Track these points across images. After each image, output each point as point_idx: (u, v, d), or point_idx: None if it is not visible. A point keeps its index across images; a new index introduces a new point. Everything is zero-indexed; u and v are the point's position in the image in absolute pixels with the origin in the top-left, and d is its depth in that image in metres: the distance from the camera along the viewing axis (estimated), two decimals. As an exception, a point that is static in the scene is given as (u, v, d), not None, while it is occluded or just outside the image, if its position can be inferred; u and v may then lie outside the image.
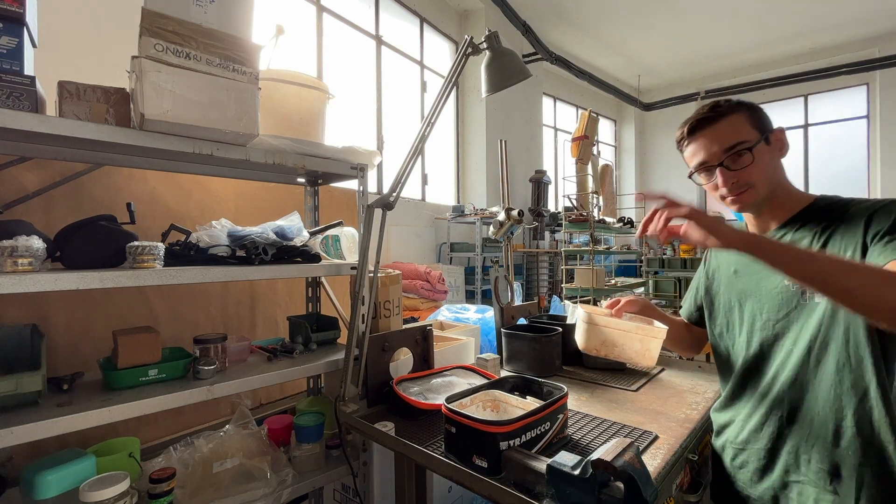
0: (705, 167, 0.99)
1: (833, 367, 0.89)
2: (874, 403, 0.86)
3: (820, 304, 0.91)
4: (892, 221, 0.83)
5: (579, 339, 1.29)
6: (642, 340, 1.16)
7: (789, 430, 0.96)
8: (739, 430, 1.05)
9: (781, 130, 0.99)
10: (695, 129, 1.00)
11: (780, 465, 0.97)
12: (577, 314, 1.33)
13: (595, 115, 4.87)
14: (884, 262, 0.79)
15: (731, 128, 0.96)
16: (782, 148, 0.99)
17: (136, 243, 1.14)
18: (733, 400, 1.09)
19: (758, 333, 1.01)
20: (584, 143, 4.74)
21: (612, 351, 1.22)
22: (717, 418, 1.14)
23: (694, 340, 1.30)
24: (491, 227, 1.93)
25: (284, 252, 1.44)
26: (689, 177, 1.06)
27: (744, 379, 1.05)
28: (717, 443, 1.13)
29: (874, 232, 0.85)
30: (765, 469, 0.99)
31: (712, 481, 1.14)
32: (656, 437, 1.09)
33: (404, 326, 1.62)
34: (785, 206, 1.00)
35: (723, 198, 0.99)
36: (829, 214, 0.94)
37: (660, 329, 1.15)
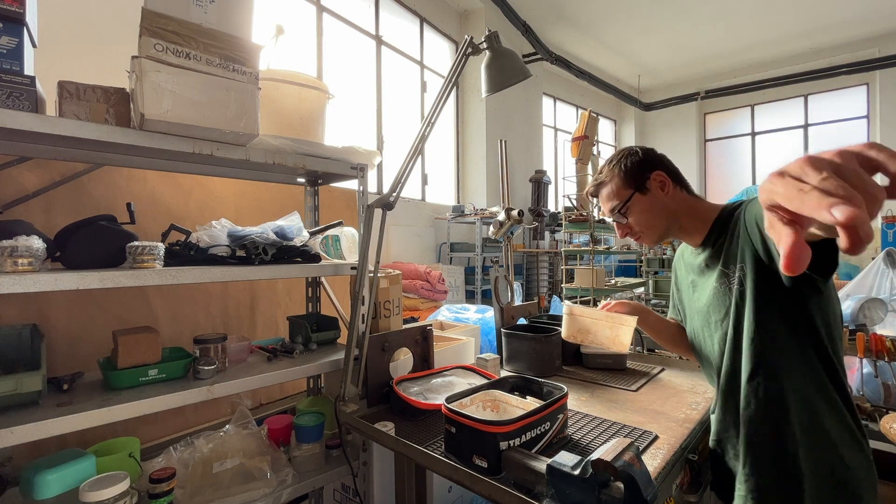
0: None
1: (748, 354, 0.97)
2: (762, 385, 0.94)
3: (734, 294, 0.99)
4: None
5: (563, 329, 1.39)
6: (612, 328, 1.27)
7: (742, 416, 1.02)
8: (716, 420, 1.12)
9: (658, 173, 1.12)
10: (595, 193, 1.22)
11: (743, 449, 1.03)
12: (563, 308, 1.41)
13: (595, 115, 4.88)
14: None
15: (609, 194, 1.16)
16: (664, 187, 1.11)
17: (136, 243, 1.14)
18: (717, 397, 1.15)
19: (715, 335, 1.08)
20: (584, 143, 4.74)
21: (587, 337, 1.33)
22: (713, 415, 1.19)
23: (685, 340, 1.33)
24: (491, 227, 1.93)
25: (284, 252, 1.44)
26: (611, 222, 1.23)
27: (717, 378, 1.12)
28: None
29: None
30: (739, 454, 1.05)
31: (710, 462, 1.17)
32: (656, 437, 1.09)
33: (404, 326, 1.62)
34: (696, 226, 1.11)
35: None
36: (729, 222, 1.02)
37: (629, 318, 1.24)
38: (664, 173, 1.11)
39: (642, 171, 1.12)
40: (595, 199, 1.25)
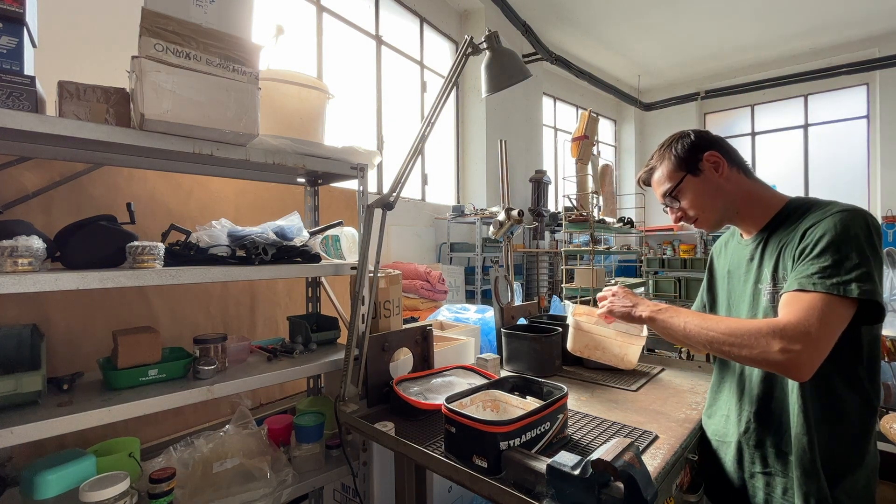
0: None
1: None
2: (797, 396, 0.92)
3: (766, 299, 0.98)
4: (814, 242, 0.88)
5: (568, 341, 1.38)
6: (621, 346, 1.27)
7: (757, 423, 1.01)
8: (718, 421, 1.11)
9: (711, 153, 1.05)
10: (647, 180, 1.18)
11: (747, 456, 1.03)
12: (568, 317, 1.39)
13: (595, 115, 4.87)
14: (785, 290, 0.89)
15: (660, 178, 1.12)
16: (718, 167, 1.05)
17: (136, 243, 1.14)
18: (716, 392, 1.15)
19: None
20: (584, 143, 4.74)
21: (595, 353, 1.33)
22: (706, 407, 1.20)
23: None
24: (491, 227, 1.93)
25: (284, 252, 1.44)
26: (663, 211, 1.20)
27: (726, 373, 1.12)
28: (705, 428, 1.17)
29: (800, 249, 0.91)
30: (738, 460, 1.05)
31: (700, 461, 1.16)
32: (656, 437, 1.09)
33: (404, 326, 1.62)
34: (755, 214, 1.06)
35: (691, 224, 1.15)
36: (792, 221, 0.98)
37: (638, 337, 1.22)
38: (718, 153, 1.05)
39: (694, 152, 1.06)
40: (647, 187, 1.20)
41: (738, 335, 0.87)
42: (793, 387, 0.93)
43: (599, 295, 1.23)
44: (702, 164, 1.05)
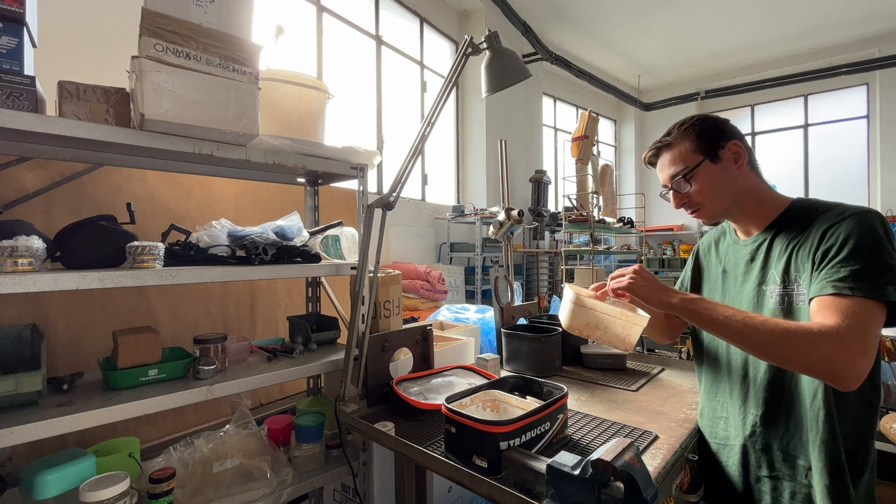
0: (666, 188, 1.09)
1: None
2: (821, 402, 0.90)
3: (796, 303, 0.95)
4: (839, 244, 0.87)
5: (564, 317, 1.26)
6: (624, 327, 1.17)
7: (764, 427, 0.99)
8: (716, 424, 1.10)
9: (734, 143, 1.02)
10: (654, 157, 1.12)
11: (753, 460, 1.01)
12: (564, 292, 1.31)
13: (595, 115, 4.88)
14: (815, 294, 0.86)
15: (674, 157, 1.05)
16: (738, 159, 1.02)
17: (136, 243, 1.14)
18: (711, 393, 1.13)
19: None
20: (584, 143, 4.74)
21: (594, 333, 1.22)
22: (700, 409, 1.18)
23: (671, 328, 1.29)
24: (491, 227, 1.93)
25: (284, 252, 1.44)
26: (661, 195, 1.14)
27: (721, 374, 1.10)
28: (702, 430, 1.16)
29: (822, 251, 0.88)
30: (743, 464, 1.03)
31: (700, 462, 1.15)
32: (656, 437, 1.09)
33: (404, 326, 1.62)
34: (759, 213, 1.04)
35: (689, 213, 1.09)
36: (800, 222, 0.97)
37: (642, 317, 1.17)
38: (741, 145, 1.02)
39: (717, 138, 1.01)
40: (652, 166, 1.13)
41: (790, 339, 0.81)
42: (816, 391, 0.90)
43: (614, 273, 1.11)
44: (723, 151, 1.01)
